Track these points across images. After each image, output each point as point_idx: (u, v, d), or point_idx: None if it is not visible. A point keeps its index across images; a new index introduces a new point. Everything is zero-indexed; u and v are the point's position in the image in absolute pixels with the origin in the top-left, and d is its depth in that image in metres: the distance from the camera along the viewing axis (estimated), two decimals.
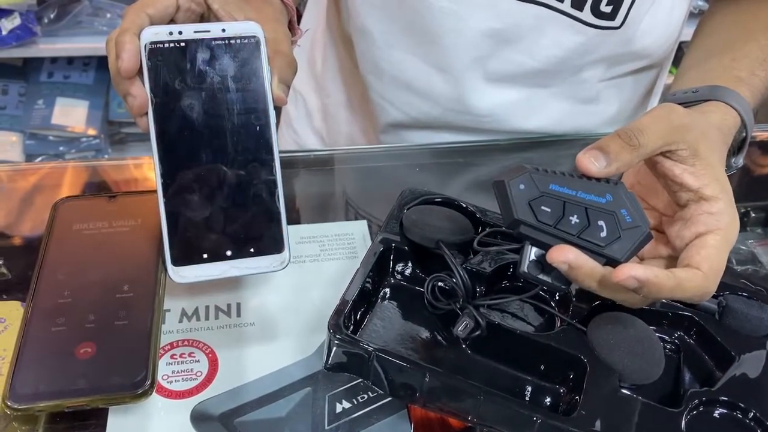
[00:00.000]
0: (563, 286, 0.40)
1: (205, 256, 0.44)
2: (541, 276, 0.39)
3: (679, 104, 0.47)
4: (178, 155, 0.44)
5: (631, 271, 0.37)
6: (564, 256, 0.38)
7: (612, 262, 0.39)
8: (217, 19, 0.48)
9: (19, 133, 1.79)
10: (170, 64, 0.45)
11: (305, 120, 0.85)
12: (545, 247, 0.39)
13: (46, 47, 1.64)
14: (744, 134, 0.53)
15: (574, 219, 0.39)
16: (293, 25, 0.56)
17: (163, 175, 0.44)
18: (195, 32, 0.45)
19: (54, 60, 1.82)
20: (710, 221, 0.41)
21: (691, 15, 0.72)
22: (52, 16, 1.62)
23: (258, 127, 0.45)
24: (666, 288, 0.38)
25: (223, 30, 0.45)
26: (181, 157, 0.44)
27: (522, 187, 0.39)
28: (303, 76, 0.84)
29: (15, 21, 1.56)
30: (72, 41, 1.65)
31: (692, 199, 0.42)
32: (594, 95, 0.71)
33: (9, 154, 1.77)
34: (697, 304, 0.47)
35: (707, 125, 0.48)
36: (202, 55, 0.45)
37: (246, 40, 0.46)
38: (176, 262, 0.44)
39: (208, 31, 0.45)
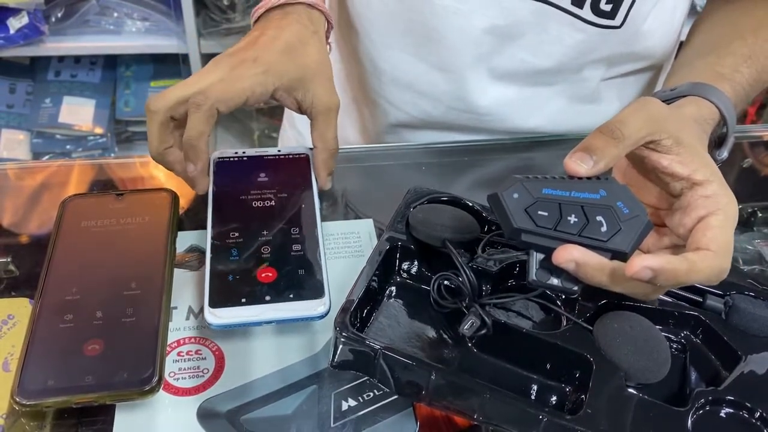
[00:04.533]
0: (574, 288, 0.40)
1: (243, 300, 0.46)
2: (550, 281, 0.39)
3: None
4: (229, 224, 0.51)
5: (643, 262, 0.36)
6: (569, 254, 0.38)
7: (618, 255, 0.39)
8: (279, 101, 0.55)
9: (27, 132, 1.80)
10: (233, 171, 0.55)
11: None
12: (549, 251, 0.39)
13: (54, 46, 1.65)
14: (725, 129, 0.53)
15: (573, 218, 0.39)
16: (327, 37, 0.61)
17: (213, 237, 0.49)
18: (256, 152, 0.57)
19: (61, 59, 1.83)
20: (708, 204, 0.41)
21: (696, 13, 0.72)
22: (59, 14, 1.63)
23: (304, 205, 0.53)
24: (681, 272, 0.37)
25: (279, 150, 0.57)
26: (232, 225, 0.50)
27: (516, 196, 0.39)
28: None
29: (23, 20, 1.57)
30: (79, 40, 1.65)
31: (685, 186, 0.42)
32: (595, 94, 0.71)
33: (16, 152, 1.78)
34: (704, 304, 0.47)
35: (682, 116, 0.48)
36: (259, 164, 0.56)
37: (297, 156, 0.57)
38: (214, 305, 0.45)
39: (267, 151, 0.57)
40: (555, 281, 0.40)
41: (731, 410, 0.43)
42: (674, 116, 0.43)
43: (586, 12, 0.62)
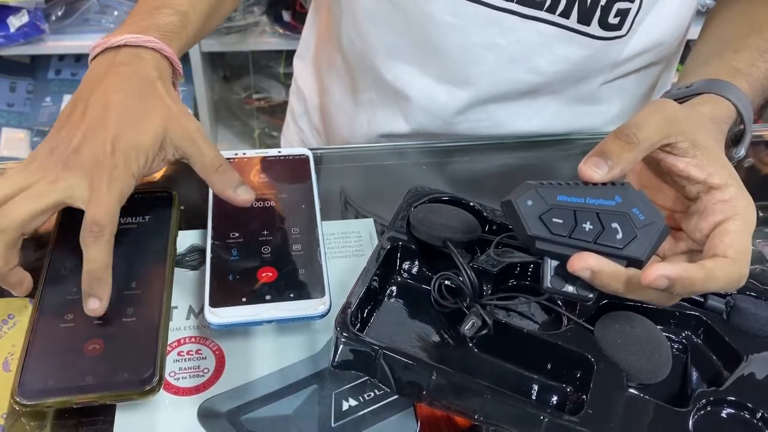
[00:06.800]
0: (590, 295, 0.39)
1: (243, 299, 0.46)
2: (565, 289, 0.39)
3: (674, 100, 0.47)
4: (229, 223, 0.51)
5: (659, 271, 0.36)
6: (585, 262, 0.37)
7: (633, 263, 0.38)
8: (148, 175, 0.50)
9: (27, 131, 1.79)
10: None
11: (305, 117, 0.85)
12: (564, 258, 0.38)
13: (54, 44, 1.65)
14: (742, 126, 0.53)
15: (588, 226, 0.38)
16: (175, 84, 0.54)
17: (214, 237, 0.50)
18: (256, 153, 0.57)
19: (62, 57, 1.82)
20: (726, 209, 0.40)
21: (699, 13, 0.71)
22: (59, 13, 1.63)
23: (304, 205, 0.53)
24: (698, 281, 0.37)
25: (279, 151, 0.57)
26: (233, 224, 0.50)
27: (530, 203, 0.39)
28: (305, 74, 0.84)
29: (23, 18, 1.56)
30: (80, 39, 1.65)
31: (702, 190, 0.41)
32: (596, 96, 0.71)
33: (17, 151, 1.78)
34: (705, 304, 0.47)
35: (699, 116, 0.47)
36: (259, 165, 0.56)
37: (297, 157, 0.57)
38: (215, 304, 0.45)
39: (267, 152, 0.57)
40: (570, 288, 0.39)
41: (732, 411, 0.43)
42: (690, 117, 0.43)
43: (594, 28, 0.61)
